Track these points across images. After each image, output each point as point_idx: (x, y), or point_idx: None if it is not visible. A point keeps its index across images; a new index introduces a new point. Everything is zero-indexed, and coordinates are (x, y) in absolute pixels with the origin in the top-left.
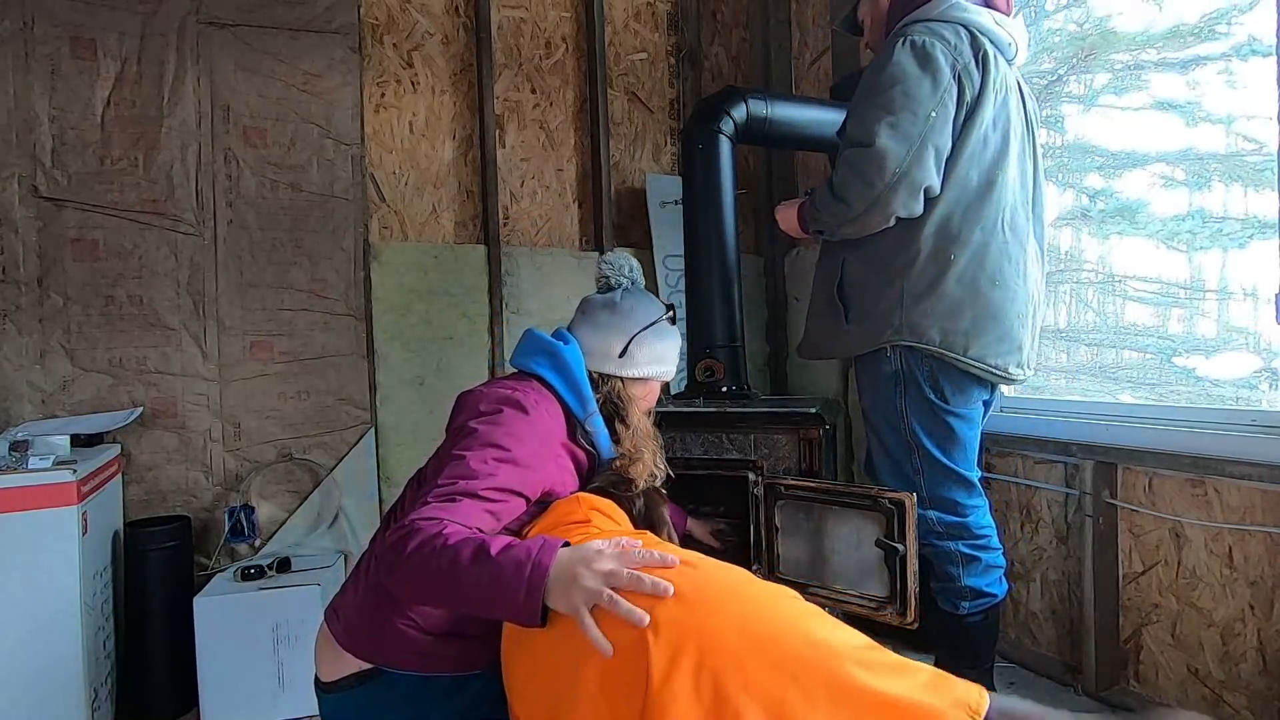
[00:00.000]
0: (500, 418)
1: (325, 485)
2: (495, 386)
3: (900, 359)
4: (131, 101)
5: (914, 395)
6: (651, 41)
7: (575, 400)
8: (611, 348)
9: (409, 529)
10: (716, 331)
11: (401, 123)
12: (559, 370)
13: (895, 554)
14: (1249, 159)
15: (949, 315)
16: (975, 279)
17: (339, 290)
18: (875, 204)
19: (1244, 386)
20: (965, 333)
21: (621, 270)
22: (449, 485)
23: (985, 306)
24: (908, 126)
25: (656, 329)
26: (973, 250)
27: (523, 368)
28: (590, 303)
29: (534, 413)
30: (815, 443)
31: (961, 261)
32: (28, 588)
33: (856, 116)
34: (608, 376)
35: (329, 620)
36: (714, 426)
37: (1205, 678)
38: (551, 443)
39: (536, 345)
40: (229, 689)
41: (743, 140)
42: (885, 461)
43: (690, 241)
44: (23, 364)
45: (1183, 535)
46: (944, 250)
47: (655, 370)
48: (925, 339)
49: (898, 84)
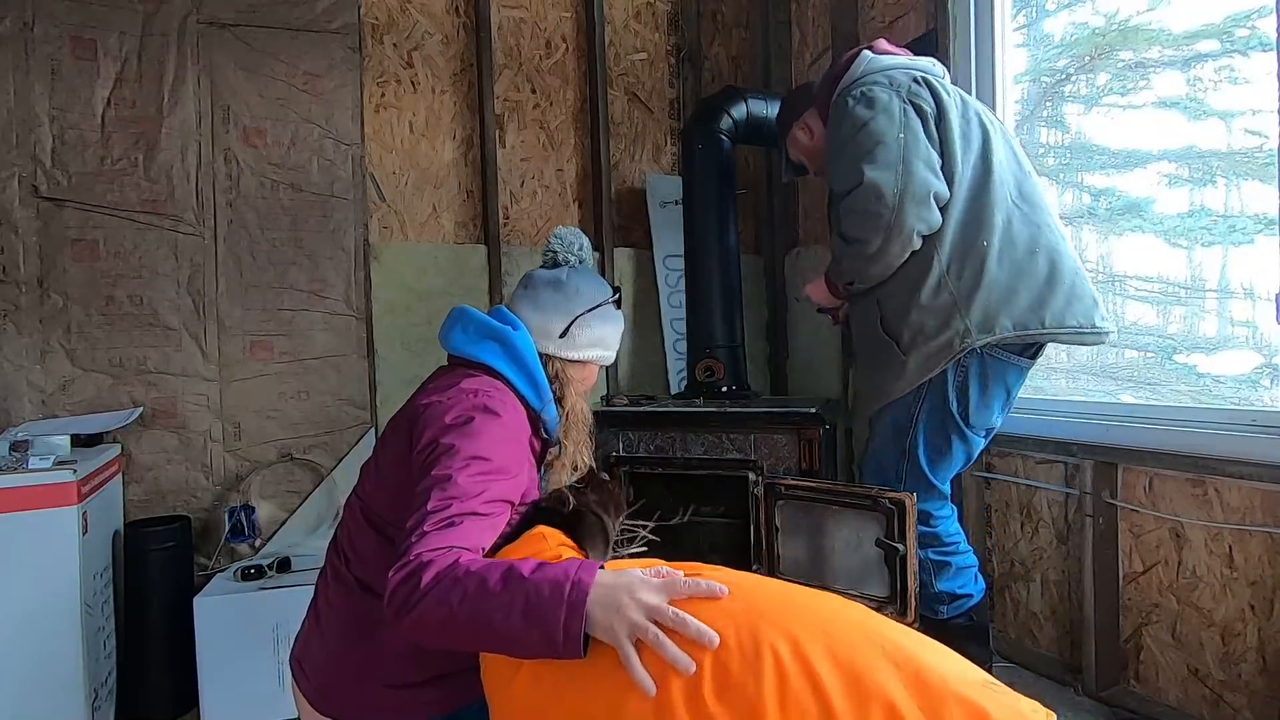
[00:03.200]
0: (473, 427)
1: (325, 485)
2: (456, 395)
3: (958, 369)
4: (132, 101)
5: (933, 405)
6: (651, 41)
7: (532, 392)
8: (552, 327)
9: (417, 564)
10: (716, 331)
11: (402, 123)
12: (512, 359)
13: (895, 554)
14: (1254, 155)
15: (1007, 300)
16: (1014, 256)
17: (339, 290)
18: (891, 230)
19: (1245, 384)
20: (1032, 308)
21: (571, 247)
22: (443, 509)
23: (1036, 276)
24: (885, 155)
25: (601, 311)
26: (1000, 231)
27: (470, 357)
28: (534, 278)
29: (505, 415)
30: (815, 443)
31: (995, 245)
32: (28, 588)
33: (837, 172)
34: (546, 357)
35: (297, 677)
36: (714, 426)
37: (1205, 678)
38: (524, 443)
39: (481, 329)
40: (229, 689)
41: (743, 140)
42: (872, 460)
43: (690, 241)
44: (23, 364)
45: (1183, 535)
46: (973, 242)
47: (595, 354)
48: (999, 328)
49: (858, 130)
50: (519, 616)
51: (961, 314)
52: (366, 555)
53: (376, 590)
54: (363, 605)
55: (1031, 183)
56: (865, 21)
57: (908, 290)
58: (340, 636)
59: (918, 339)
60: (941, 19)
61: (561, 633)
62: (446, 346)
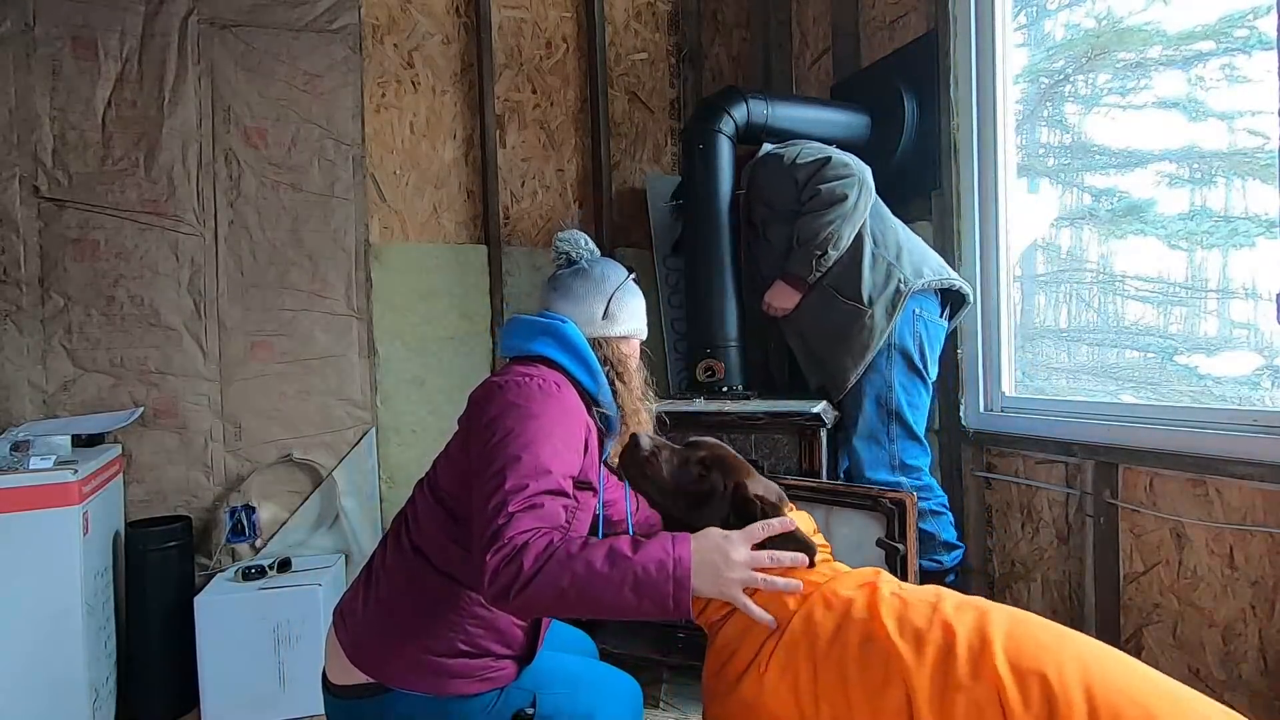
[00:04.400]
0: (534, 408)
1: (326, 485)
2: (513, 377)
3: (913, 325)
4: (132, 101)
5: (901, 366)
6: (652, 41)
7: (587, 376)
8: (594, 311)
9: (516, 547)
10: (716, 331)
11: (402, 123)
12: (566, 348)
13: (895, 554)
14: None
15: (923, 259)
16: (909, 232)
17: (339, 290)
18: (860, 187)
19: (1245, 385)
20: (933, 268)
21: (579, 244)
22: (522, 490)
23: (924, 246)
24: (841, 152)
25: (628, 286)
26: (889, 216)
27: (527, 352)
28: (558, 277)
29: (561, 395)
30: (815, 443)
31: (899, 224)
32: (29, 588)
33: (806, 167)
34: (598, 340)
35: (337, 626)
36: (714, 426)
37: (1206, 678)
38: (581, 423)
39: (534, 328)
40: (229, 689)
41: (743, 140)
42: (862, 435)
43: (690, 241)
44: (24, 364)
45: (1184, 535)
46: (885, 222)
47: (634, 326)
48: (925, 277)
49: (814, 153)
50: (630, 593)
51: (896, 270)
52: (427, 525)
53: (426, 554)
54: (414, 567)
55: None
56: (865, 21)
57: (854, 268)
58: (389, 595)
59: (874, 294)
60: (942, 19)
61: (672, 603)
62: (505, 350)
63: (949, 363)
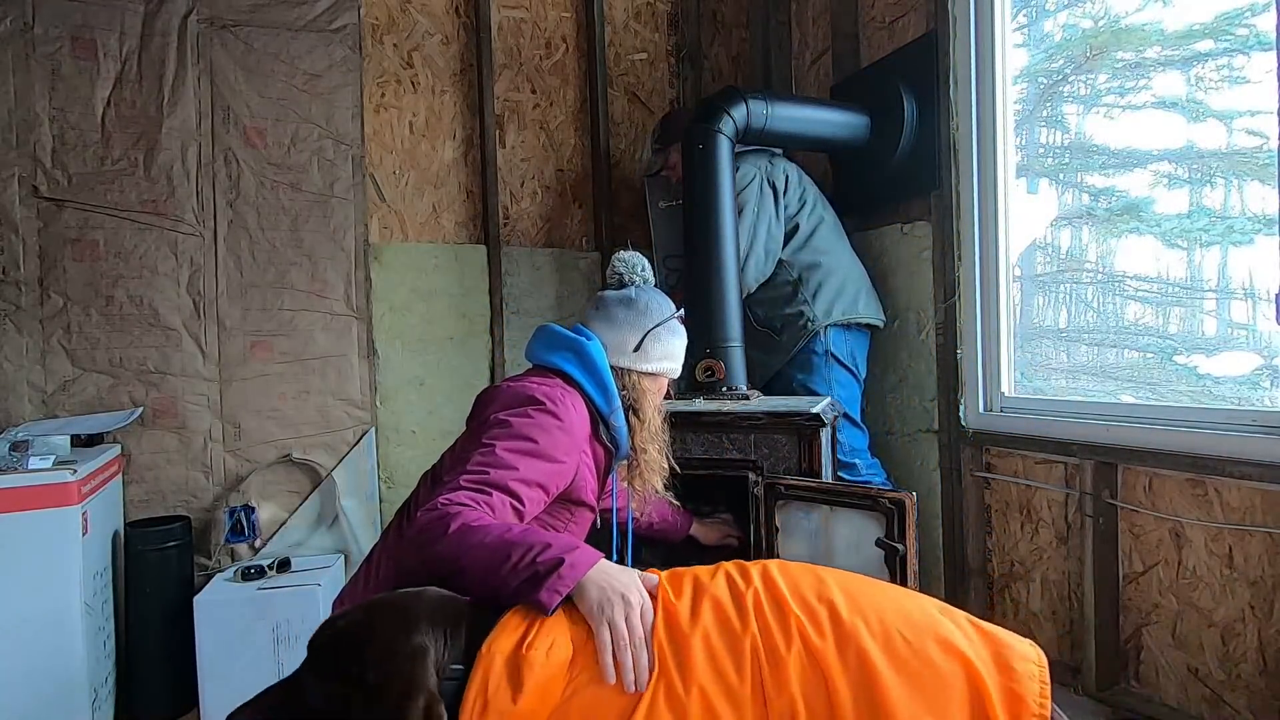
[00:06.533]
0: (530, 411)
1: (325, 485)
2: (523, 382)
3: (828, 342)
4: (132, 101)
5: (839, 373)
6: (651, 42)
7: (601, 396)
8: (627, 342)
9: (445, 512)
10: (717, 331)
11: (402, 123)
12: (585, 367)
13: (895, 554)
14: (1254, 155)
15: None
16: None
17: (339, 290)
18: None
19: (1245, 385)
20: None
21: (635, 268)
22: (480, 473)
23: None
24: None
25: (670, 325)
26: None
27: (546, 363)
28: (605, 299)
29: (563, 408)
30: (815, 443)
31: (835, 250)
32: (28, 588)
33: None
34: (621, 370)
35: (335, 608)
36: (714, 427)
37: (1205, 678)
38: (579, 439)
39: (559, 341)
40: (229, 689)
41: (743, 140)
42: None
43: (690, 241)
44: (23, 364)
45: (1183, 535)
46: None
47: (666, 366)
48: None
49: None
50: (523, 565)
51: (809, 309)
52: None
53: None
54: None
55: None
56: (865, 22)
57: (776, 302)
58: (389, 582)
59: (787, 325)
60: (941, 19)
61: (544, 587)
62: (528, 357)
63: (949, 363)
